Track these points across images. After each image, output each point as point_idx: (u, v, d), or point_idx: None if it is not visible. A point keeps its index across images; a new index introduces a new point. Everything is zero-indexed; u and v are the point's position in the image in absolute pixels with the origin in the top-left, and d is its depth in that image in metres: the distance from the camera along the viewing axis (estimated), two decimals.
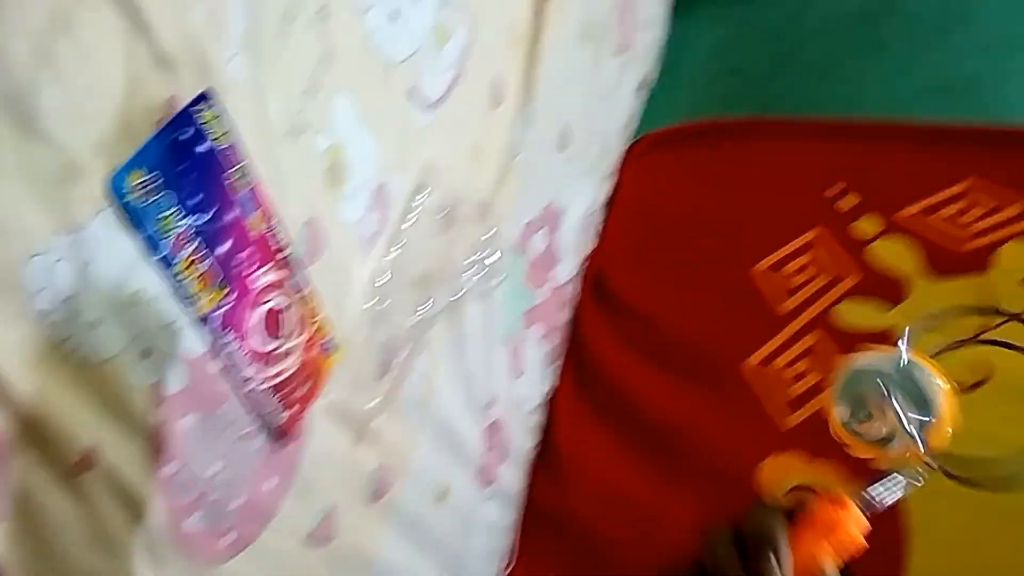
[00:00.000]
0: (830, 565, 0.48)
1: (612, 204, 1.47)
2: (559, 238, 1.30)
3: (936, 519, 1.00)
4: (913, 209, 1.21)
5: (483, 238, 1.07)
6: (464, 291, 1.04)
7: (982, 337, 0.82)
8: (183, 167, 0.60)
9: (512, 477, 1.24)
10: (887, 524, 1.01)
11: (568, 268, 1.35)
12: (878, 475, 0.54)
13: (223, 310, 0.67)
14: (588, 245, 1.41)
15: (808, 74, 1.51)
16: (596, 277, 1.40)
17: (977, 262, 1.13)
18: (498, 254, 1.09)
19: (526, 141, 1.16)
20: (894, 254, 1.18)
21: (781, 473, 1.10)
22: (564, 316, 1.35)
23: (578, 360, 1.35)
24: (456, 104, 1.00)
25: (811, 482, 1.08)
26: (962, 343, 0.71)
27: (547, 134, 1.23)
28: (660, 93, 1.57)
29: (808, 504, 0.48)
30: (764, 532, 0.48)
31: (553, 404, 1.32)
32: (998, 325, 0.67)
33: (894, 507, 1.00)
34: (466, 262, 1.05)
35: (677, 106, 1.58)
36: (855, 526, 0.49)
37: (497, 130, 1.12)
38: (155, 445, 0.64)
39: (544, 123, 1.20)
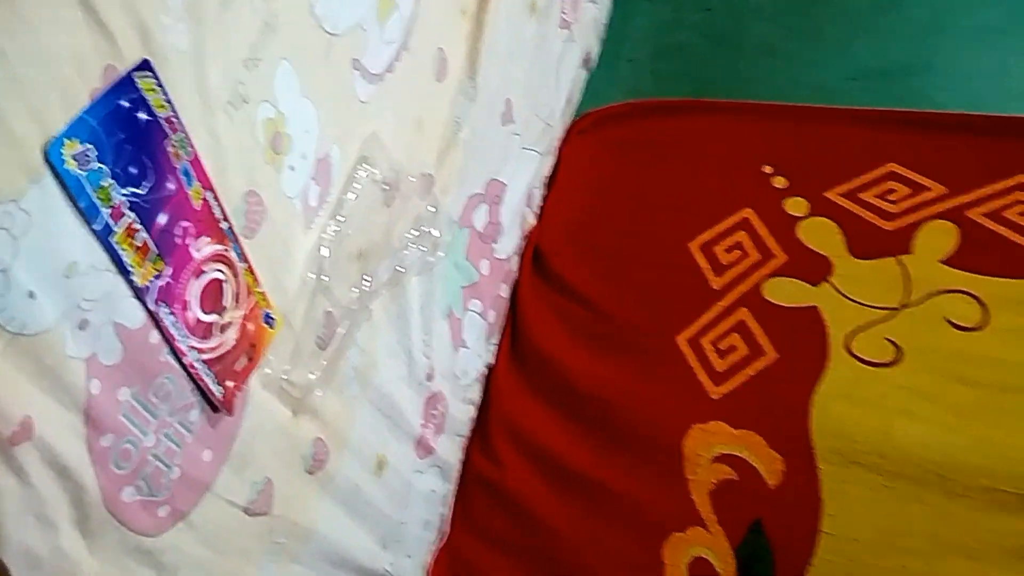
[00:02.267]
0: None
1: (554, 180, 1.48)
2: (501, 213, 1.31)
3: (845, 488, 1.06)
4: (838, 191, 1.25)
5: (426, 212, 1.07)
6: (406, 265, 1.05)
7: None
8: (122, 137, 0.59)
9: (450, 448, 1.26)
10: (803, 492, 1.08)
11: (509, 244, 1.36)
12: None
13: (162, 282, 0.66)
14: (529, 221, 1.42)
15: (745, 56, 1.54)
16: (536, 253, 1.42)
17: (898, 243, 1.19)
18: (440, 229, 1.10)
19: (470, 115, 1.17)
20: (819, 234, 1.23)
21: (707, 441, 1.15)
22: (504, 291, 1.37)
23: (517, 334, 1.37)
24: (400, 77, 0.99)
25: (735, 451, 1.14)
26: None
27: (491, 109, 1.24)
28: (602, 71, 1.59)
29: None
30: None
31: (492, 377, 1.34)
32: None
33: (810, 477, 1.07)
34: (408, 236, 1.05)
35: (619, 84, 1.60)
36: None
37: (441, 104, 1.11)
38: (91, 417, 0.64)
39: (488, 98, 1.20)
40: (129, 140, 0.60)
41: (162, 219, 0.65)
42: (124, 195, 0.61)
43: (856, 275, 1.19)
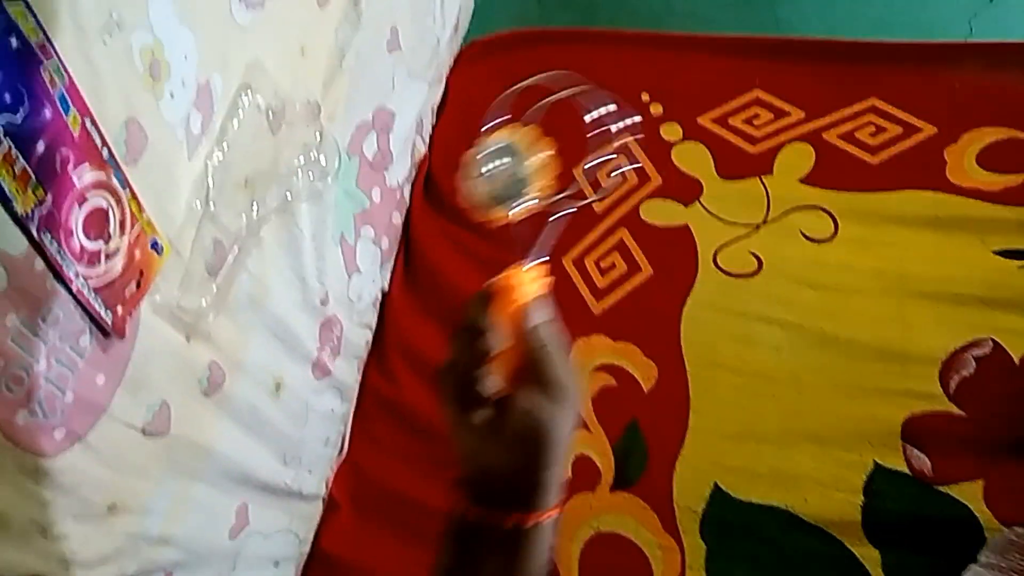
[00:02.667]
0: (524, 322, 0.55)
1: (442, 109, 1.51)
2: (391, 141, 1.34)
3: (710, 388, 1.17)
4: (709, 116, 1.34)
5: (313, 139, 1.09)
6: (295, 192, 1.07)
7: None
8: None
9: (347, 370, 1.30)
10: (673, 393, 1.18)
11: (400, 172, 1.39)
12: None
13: (43, 210, 0.67)
14: (420, 149, 1.45)
15: None
16: (427, 180, 1.45)
17: (761, 164, 1.29)
18: (328, 156, 1.12)
19: (354, 42, 1.17)
20: (691, 158, 1.32)
21: (590, 353, 1.24)
22: (397, 219, 1.40)
23: (410, 259, 1.41)
24: (281, 3, 0.99)
25: (614, 360, 1.23)
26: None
27: (376, 36, 1.24)
28: None
29: (490, 289, 0.56)
30: (473, 321, 0.54)
31: (387, 301, 1.38)
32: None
33: (679, 380, 1.17)
34: (296, 163, 1.07)
35: (506, 11, 1.63)
36: (528, 279, 0.57)
37: (324, 30, 1.12)
38: None
39: (372, 25, 1.21)
40: (1, 66, 0.60)
41: (40, 147, 0.66)
42: None
43: (723, 195, 1.28)
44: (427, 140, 1.47)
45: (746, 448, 1.13)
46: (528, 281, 0.57)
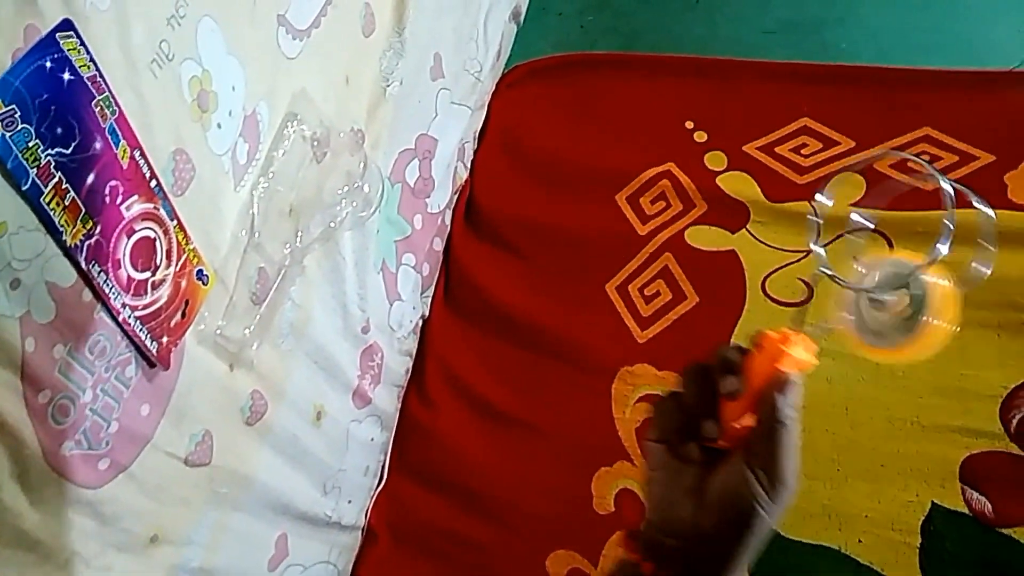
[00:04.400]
0: (789, 374, 0.49)
1: (484, 134, 1.51)
2: (433, 168, 1.33)
3: None
4: (755, 145, 1.31)
5: (356, 168, 1.09)
6: (338, 221, 1.07)
7: None
8: (46, 97, 0.60)
9: (387, 398, 1.29)
10: None
11: (442, 198, 1.38)
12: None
13: (92, 241, 0.67)
14: (461, 175, 1.45)
15: (669, 10, 1.58)
16: (469, 206, 1.45)
17: (809, 194, 1.25)
18: (371, 184, 1.11)
19: (398, 70, 1.18)
20: (737, 187, 1.29)
21: (634, 383, 1.21)
22: (438, 244, 1.39)
23: (451, 285, 1.40)
24: (327, 32, 1.00)
25: (659, 391, 1.20)
26: None
27: (420, 64, 1.25)
28: (531, 24, 1.61)
29: (758, 339, 0.51)
30: (723, 358, 0.49)
31: (427, 327, 1.37)
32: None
33: None
34: (340, 192, 1.07)
35: (547, 38, 1.62)
36: (802, 349, 0.50)
37: (369, 59, 1.12)
38: (27, 374, 0.65)
39: (416, 52, 1.22)
40: (54, 100, 0.61)
41: (90, 178, 0.66)
42: (51, 155, 0.61)
43: (771, 221, 1.25)
44: (468, 165, 1.47)
45: (797, 485, 1.09)
46: (801, 350, 0.50)
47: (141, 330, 0.76)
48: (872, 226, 0.55)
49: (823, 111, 1.29)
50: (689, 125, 1.36)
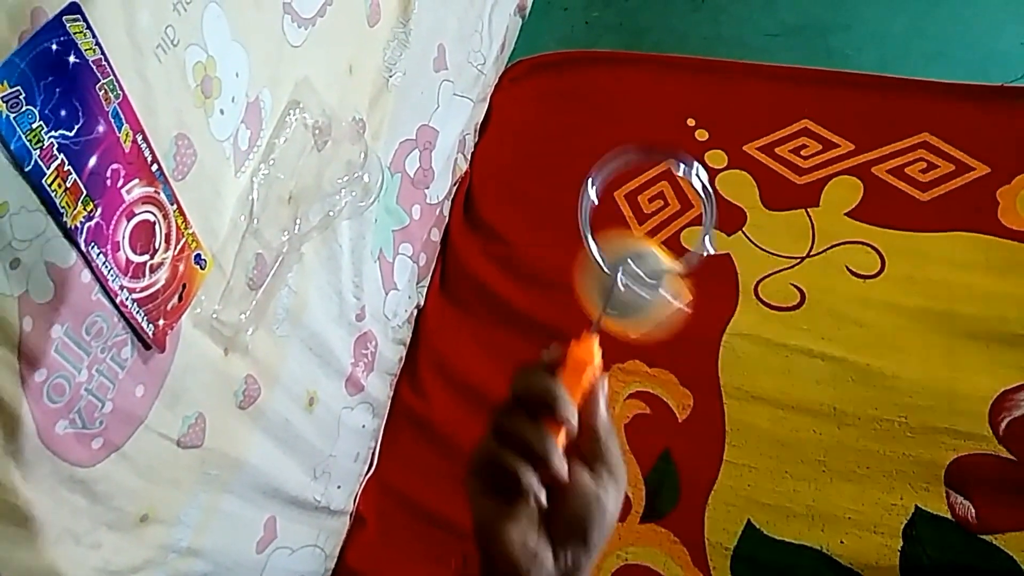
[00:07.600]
0: (597, 400, 0.52)
1: (486, 127, 1.51)
2: (433, 159, 1.34)
3: (747, 421, 1.15)
4: (755, 145, 1.32)
5: (357, 157, 1.09)
6: (337, 210, 1.07)
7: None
8: (52, 79, 0.60)
9: (380, 386, 1.30)
10: (709, 425, 1.16)
11: (441, 189, 1.39)
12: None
13: (92, 223, 0.68)
14: (461, 167, 1.45)
15: (674, 9, 1.58)
16: (467, 198, 1.45)
17: (807, 196, 1.26)
18: (371, 174, 1.12)
19: (402, 61, 1.18)
20: (736, 187, 1.30)
21: (625, 379, 1.23)
22: (435, 235, 1.40)
23: (448, 277, 1.41)
24: (331, 21, 1.00)
25: (649, 388, 1.21)
26: None
27: (423, 55, 1.25)
28: (536, 19, 1.61)
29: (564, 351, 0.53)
30: (542, 392, 0.51)
31: (421, 317, 1.38)
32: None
33: (715, 411, 1.15)
34: (339, 181, 1.07)
35: (552, 32, 1.62)
36: (596, 351, 0.53)
37: (373, 48, 1.13)
38: (24, 353, 0.66)
39: (420, 43, 1.22)
40: (58, 83, 0.61)
41: (92, 161, 0.67)
42: (54, 137, 0.62)
43: (767, 225, 1.26)
44: (468, 158, 1.47)
45: (782, 484, 1.10)
46: (596, 355, 0.54)
47: (138, 312, 0.76)
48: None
49: (824, 114, 1.30)
50: (691, 123, 1.37)
